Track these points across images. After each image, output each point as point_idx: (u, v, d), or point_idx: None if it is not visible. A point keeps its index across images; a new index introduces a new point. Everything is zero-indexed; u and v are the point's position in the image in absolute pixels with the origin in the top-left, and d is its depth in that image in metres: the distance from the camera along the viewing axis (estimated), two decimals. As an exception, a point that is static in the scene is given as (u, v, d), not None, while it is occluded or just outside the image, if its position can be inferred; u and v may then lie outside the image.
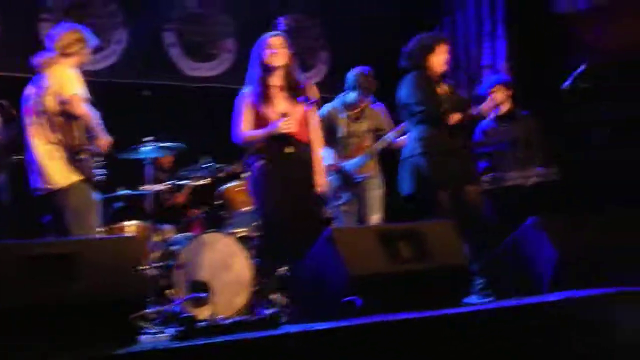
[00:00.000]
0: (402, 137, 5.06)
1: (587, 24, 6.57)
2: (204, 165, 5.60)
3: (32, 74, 5.89)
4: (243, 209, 5.30)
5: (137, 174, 5.69)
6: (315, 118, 4.43)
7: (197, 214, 5.71)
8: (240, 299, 4.74)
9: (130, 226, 5.09)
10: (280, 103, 4.32)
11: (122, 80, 6.61)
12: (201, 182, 5.66)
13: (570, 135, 5.85)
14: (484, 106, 4.87)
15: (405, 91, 4.74)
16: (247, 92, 4.36)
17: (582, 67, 5.14)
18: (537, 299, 3.45)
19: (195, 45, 7.26)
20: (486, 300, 3.81)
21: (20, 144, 4.86)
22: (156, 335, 3.19)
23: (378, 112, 5.48)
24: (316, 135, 4.40)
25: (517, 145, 5.46)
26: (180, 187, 5.81)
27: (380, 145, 5.32)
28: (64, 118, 4.14)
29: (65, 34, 4.30)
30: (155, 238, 4.95)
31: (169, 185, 5.56)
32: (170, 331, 3.21)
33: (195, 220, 5.58)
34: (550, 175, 5.20)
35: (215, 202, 5.46)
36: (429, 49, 4.71)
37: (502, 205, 5.13)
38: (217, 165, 5.60)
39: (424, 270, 3.55)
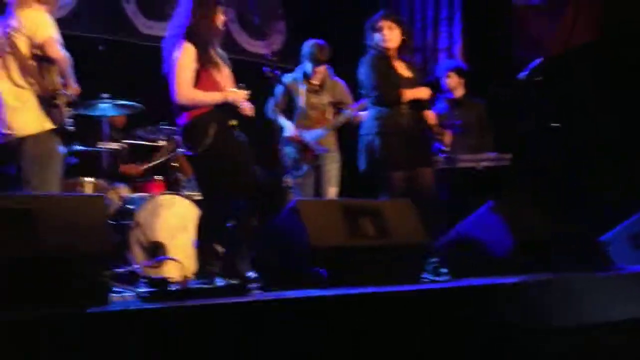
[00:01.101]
0: (362, 113, 5.16)
1: (539, 17, 6.78)
2: (160, 127, 5.55)
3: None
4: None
5: (89, 130, 5.63)
6: None
7: (153, 176, 5.64)
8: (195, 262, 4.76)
9: (87, 182, 5.02)
10: (224, 69, 4.11)
11: (76, 33, 6.46)
12: (158, 143, 5.61)
13: (522, 123, 6.06)
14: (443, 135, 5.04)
15: (362, 71, 4.85)
16: (192, 48, 3.95)
17: (538, 60, 5.33)
18: (492, 280, 3.60)
19: (150, 3, 7.16)
20: (441, 278, 3.96)
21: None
22: (123, 295, 3.20)
23: (340, 86, 5.54)
24: None
25: (470, 131, 5.64)
26: (139, 153, 5.72)
27: (340, 119, 5.39)
28: (37, 61, 3.97)
29: None
30: (111, 196, 4.92)
31: (126, 145, 5.48)
32: (137, 291, 3.23)
33: (150, 181, 5.52)
34: (502, 160, 5.40)
35: (172, 165, 5.44)
36: (378, 27, 4.79)
37: (454, 186, 5.31)
38: (174, 128, 5.55)
39: (384, 247, 3.66)
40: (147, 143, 5.69)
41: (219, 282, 3.51)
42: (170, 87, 4.01)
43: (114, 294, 3.16)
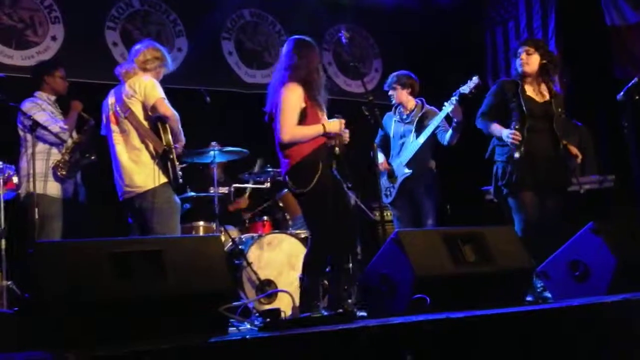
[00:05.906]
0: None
1: (636, 37, 6.69)
2: (264, 169, 5.83)
3: (97, 79, 6.20)
4: (303, 212, 5.53)
5: (200, 177, 5.97)
6: None
7: (261, 216, 5.91)
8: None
9: (200, 226, 5.33)
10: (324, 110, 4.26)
11: (183, 86, 6.83)
12: (263, 185, 5.90)
13: (625, 144, 5.96)
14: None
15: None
16: (299, 88, 4.11)
17: (636, 79, 5.27)
18: (596, 299, 3.58)
19: (251, 53, 7.53)
20: (544, 301, 3.96)
21: (92, 146, 5.13)
22: (239, 328, 3.40)
23: (434, 112, 5.40)
24: None
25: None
26: (243, 191, 6.06)
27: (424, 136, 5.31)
28: (151, 122, 4.34)
29: (146, 51, 4.51)
30: (223, 238, 5.17)
31: (234, 189, 5.80)
32: (252, 322, 3.43)
33: (258, 221, 5.80)
34: (605, 183, 5.34)
35: (278, 205, 5.69)
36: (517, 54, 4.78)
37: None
38: (276, 170, 5.79)
39: (487, 273, 3.71)
40: (253, 186, 5.99)
41: (325, 313, 3.67)
42: (274, 126, 4.13)
43: (232, 327, 3.36)
